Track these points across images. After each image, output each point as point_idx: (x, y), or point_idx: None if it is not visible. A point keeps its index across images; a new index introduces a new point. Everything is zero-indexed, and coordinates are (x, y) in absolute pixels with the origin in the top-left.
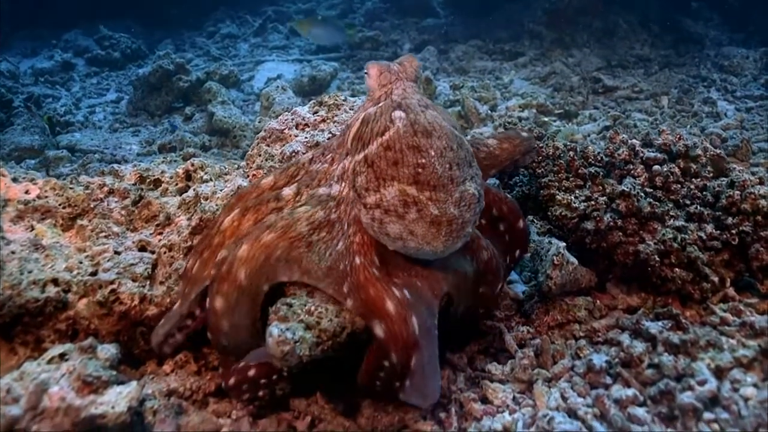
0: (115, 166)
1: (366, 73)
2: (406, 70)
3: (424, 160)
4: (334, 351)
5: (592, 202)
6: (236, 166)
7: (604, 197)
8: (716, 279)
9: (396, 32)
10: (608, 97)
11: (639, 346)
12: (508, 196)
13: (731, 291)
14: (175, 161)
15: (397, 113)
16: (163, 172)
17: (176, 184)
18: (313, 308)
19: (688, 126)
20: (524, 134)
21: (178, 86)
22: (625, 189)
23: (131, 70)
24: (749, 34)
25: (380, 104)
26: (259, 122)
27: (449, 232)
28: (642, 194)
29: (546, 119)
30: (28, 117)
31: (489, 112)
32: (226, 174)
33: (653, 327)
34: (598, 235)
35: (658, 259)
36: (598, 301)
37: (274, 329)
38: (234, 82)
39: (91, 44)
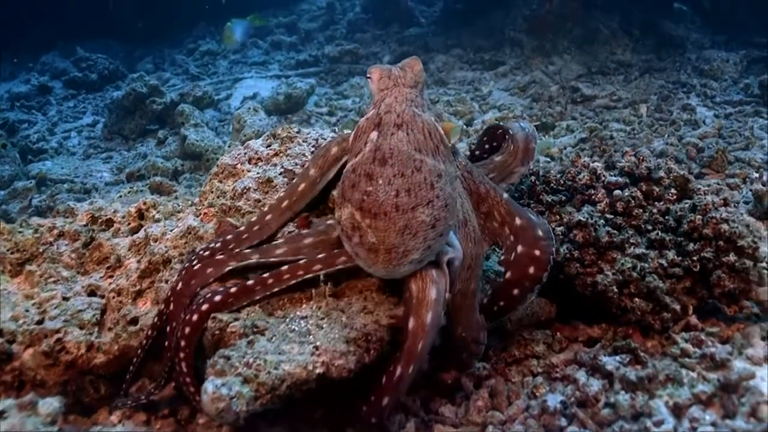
0: (71, 204)
1: (368, 77)
2: (406, 75)
3: (371, 188)
4: (274, 404)
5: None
6: (190, 203)
7: (562, 227)
8: (678, 307)
9: (377, 44)
10: (587, 106)
11: (595, 385)
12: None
13: (694, 319)
14: (141, 191)
15: (373, 134)
16: (115, 211)
17: (128, 224)
18: (251, 360)
19: (666, 135)
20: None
21: (152, 109)
22: (582, 219)
23: (109, 92)
24: (732, 35)
25: (372, 111)
26: (229, 146)
27: (387, 259)
28: (600, 222)
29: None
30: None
31: (465, 126)
32: (179, 212)
33: (610, 363)
34: (555, 266)
35: (616, 290)
36: (558, 334)
37: (209, 385)
38: (208, 103)
39: (68, 66)
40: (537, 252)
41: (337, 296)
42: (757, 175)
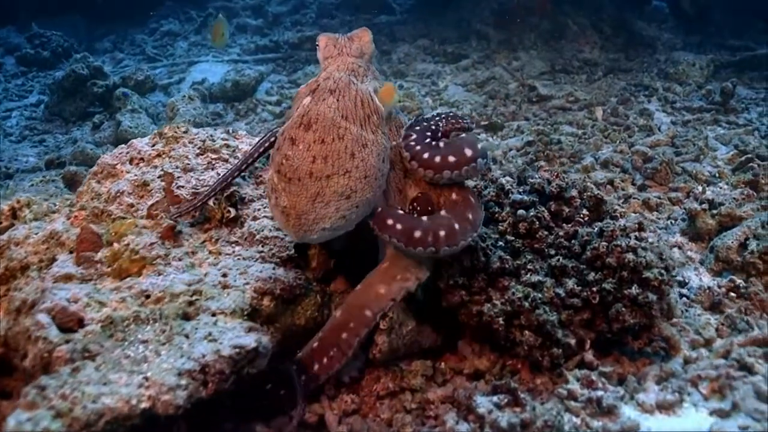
0: None
1: (317, 44)
2: (352, 45)
3: (290, 152)
4: None
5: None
6: (68, 203)
7: None
8: (573, 341)
9: (343, 30)
10: (542, 107)
11: (464, 429)
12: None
13: (589, 355)
14: (54, 181)
15: (306, 100)
16: None
17: (0, 223)
18: (68, 391)
19: (617, 142)
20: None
21: (92, 91)
22: (471, 242)
23: (60, 71)
24: (706, 37)
25: (313, 79)
26: None
27: (298, 224)
28: (499, 245)
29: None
30: None
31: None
32: (53, 212)
33: (484, 405)
34: (440, 293)
35: (502, 322)
36: (443, 364)
37: (11, 420)
38: (150, 88)
39: (23, 42)
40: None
41: (187, 317)
42: (700, 189)
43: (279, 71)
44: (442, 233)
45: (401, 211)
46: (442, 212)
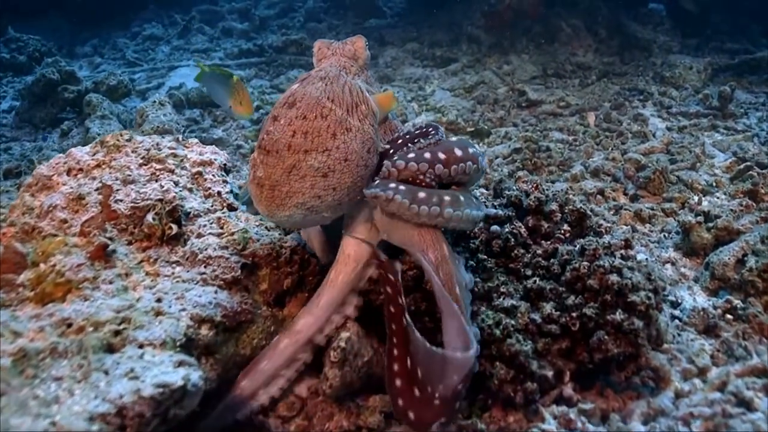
0: None
1: (313, 51)
2: (345, 47)
3: (271, 128)
4: None
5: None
6: (1, 217)
7: (414, 271)
8: (550, 373)
9: (330, 34)
10: (531, 112)
11: None
12: None
13: (568, 389)
14: (8, 192)
15: (295, 85)
16: None
17: None
18: None
19: (609, 149)
20: None
21: (63, 97)
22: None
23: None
24: (704, 40)
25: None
26: None
27: (271, 197)
28: (469, 264)
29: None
30: None
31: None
32: None
33: None
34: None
35: None
36: None
37: None
38: (124, 93)
39: None
40: None
41: (112, 349)
42: (696, 199)
43: (262, 76)
44: (447, 198)
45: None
46: None
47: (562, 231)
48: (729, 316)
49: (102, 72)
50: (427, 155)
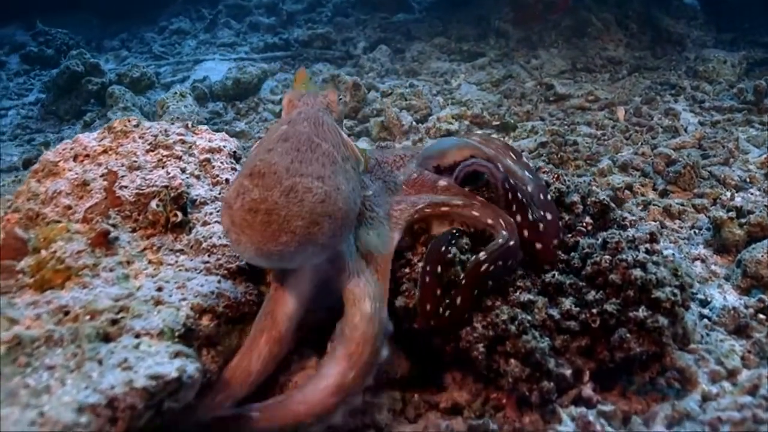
0: None
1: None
2: (317, 99)
3: (266, 156)
4: None
5: (407, 270)
6: (8, 204)
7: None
8: (568, 372)
9: (358, 29)
10: (559, 106)
11: None
12: None
13: (587, 389)
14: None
15: (283, 127)
16: None
17: None
18: None
19: (639, 143)
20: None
21: (87, 89)
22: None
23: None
24: (739, 34)
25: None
26: None
27: (267, 221)
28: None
29: (479, 132)
30: None
31: (414, 122)
32: None
33: None
34: (407, 314)
35: (482, 349)
36: (416, 396)
37: None
38: (147, 86)
39: (28, 40)
40: None
41: (108, 338)
42: (728, 195)
43: (287, 69)
44: None
45: None
46: None
47: (584, 223)
48: (761, 316)
49: (127, 65)
50: None
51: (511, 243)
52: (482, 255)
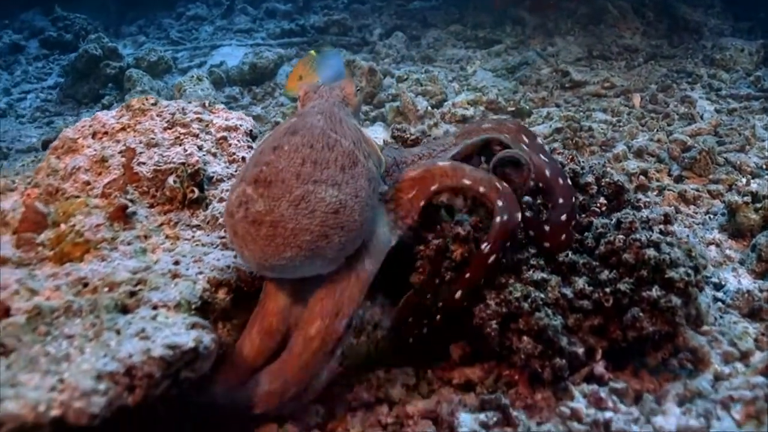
0: None
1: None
2: (333, 91)
3: (272, 157)
4: None
5: (421, 248)
6: (28, 180)
7: (439, 240)
8: (581, 350)
9: (374, 15)
10: (575, 93)
11: None
12: None
13: (600, 367)
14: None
15: (292, 119)
16: None
17: None
18: None
19: (655, 130)
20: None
21: (105, 73)
22: (462, 232)
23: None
24: (758, 22)
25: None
26: None
27: (271, 235)
28: None
29: (494, 118)
30: None
31: (429, 108)
32: (11, 190)
33: (466, 424)
34: (422, 291)
35: (495, 325)
36: (429, 372)
37: None
38: (164, 70)
39: (47, 25)
40: None
41: (126, 310)
42: (744, 181)
43: (303, 55)
44: None
45: None
46: None
47: (598, 204)
48: None
49: (144, 49)
50: None
51: (506, 218)
52: (485, 245)
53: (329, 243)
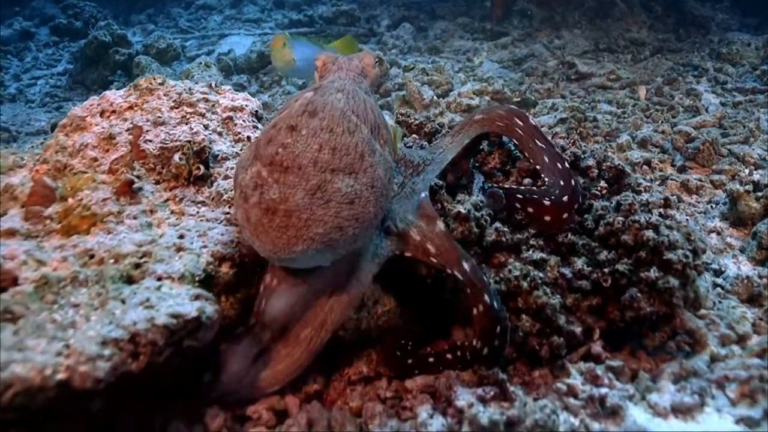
0: None
1: (315, 65)
2: (352, 63)
3: (289, 140)
4: None
5: None
6: (36, 156)
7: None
8: (578, 330)
9: (382, 7)
10: (581, 84)
11: (435, 425)
12: None
13: (597, 347)
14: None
15: (308, 93)
16: None
17: None
18: None
19: (660, 122)
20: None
21: (114, 59)
22: (462, 210)
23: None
24: (765, 18)
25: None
26: None
27: (284, 225)
28: (489, 218)
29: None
30: None
31: (435, 97)
32: (20, 167)
33: (463, 398)
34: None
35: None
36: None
37: None
38: (172, 57)
39: (57, 12)
40: None
41: (131, 281)
42: (746, 172)
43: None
44: None
45: None
46: None
47: (599, 188)
48: None
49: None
50: None
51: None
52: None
53: (342, 235)
